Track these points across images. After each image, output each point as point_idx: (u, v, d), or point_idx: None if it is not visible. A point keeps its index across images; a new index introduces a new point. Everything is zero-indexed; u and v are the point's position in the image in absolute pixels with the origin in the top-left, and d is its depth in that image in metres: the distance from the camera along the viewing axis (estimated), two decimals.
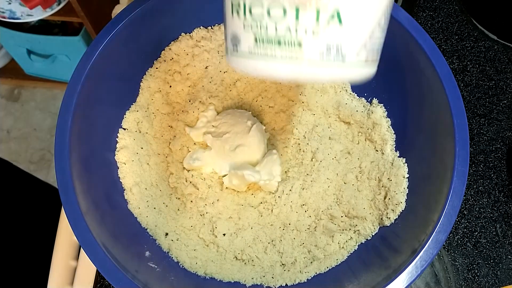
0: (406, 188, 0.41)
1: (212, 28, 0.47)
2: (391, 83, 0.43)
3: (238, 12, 0.25)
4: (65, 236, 0.49)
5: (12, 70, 1.39)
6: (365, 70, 0.26)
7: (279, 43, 0.24)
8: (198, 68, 0.47)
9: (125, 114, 0.44)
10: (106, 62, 0.39)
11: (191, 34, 0.46)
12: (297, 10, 0.23)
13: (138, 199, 0.42)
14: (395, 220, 0.40)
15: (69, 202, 0.34)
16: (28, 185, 0.73)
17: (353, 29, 0.24)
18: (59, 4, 1.03)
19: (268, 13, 0.24)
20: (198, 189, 0.44)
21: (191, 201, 0.43)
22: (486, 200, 0.49)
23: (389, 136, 0.44)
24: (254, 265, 0.42)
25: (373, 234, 0.42)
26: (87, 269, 0.47)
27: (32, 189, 0.73)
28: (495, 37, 0.56)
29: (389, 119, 0.44)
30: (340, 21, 0.24)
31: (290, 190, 0.43)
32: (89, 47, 0.38)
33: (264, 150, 0.45)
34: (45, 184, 0.76)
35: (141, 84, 0.45)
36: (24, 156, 1.37)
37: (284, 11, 0.24)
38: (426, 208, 0.37)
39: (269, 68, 0.25)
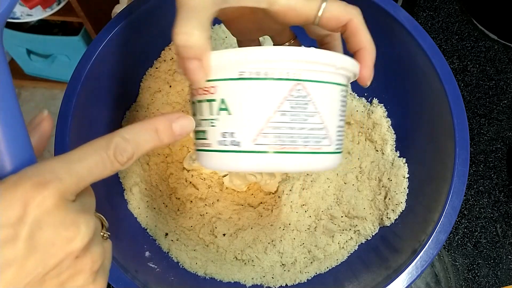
0: (406, 188, 0.41)
1: (212, 28, 0.47)
2: (391, 83, 0.43)
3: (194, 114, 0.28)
4: None
5: (12, 70, 1.37)
6: (274, 159, 0.25)
7: (204, 136, 0.27)
8: None
9: (125, 114, 0.44)
10: (106, 62, 0.39)
11: None
12: (199, 103, 0.26)
13: (138, 199, 0.42)
14: (395, 220, 0.40)
15: None
16: None
17: (243, 117, 0.25)
18: (58, 4, 1.03)
19: (200, 111, 0.26)
20: (198, 189, 0.44)
21: (191, 202, 0.43)
22: (486, 200, 0.49)
23: (389, 136, 0.44)
24: (254, 265, 0.42)
25: (373, 234, 0.42)
26: None
27: None
28: (495, 37, 0.56)
29: (389, 119, 0.44)
30: (228, 110, 0.25)
31: (290, 190, 0.43)
32: (89, 47, 0.38)
33: None
34: None
35: (141, 84, 0.45)
36: None
37: (200, 105, 0.26)
38: (426, 208, 0.37)
39: (200, 160, 0.28)
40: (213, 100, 0.25)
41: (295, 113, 0.25)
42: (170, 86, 0.46)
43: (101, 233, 0.23)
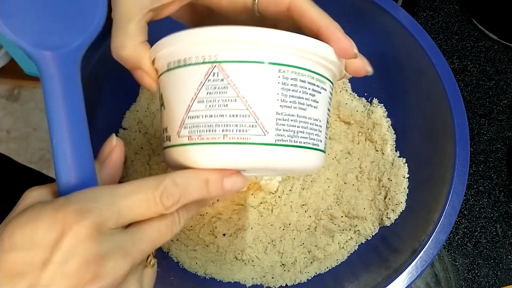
0: (406, 188, 0.41)
1: None
2: (391, 83, 0.43)
3: None
4: None
5: (12, 70, 1.39)
6: (193, 152, 0.23)
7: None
8: None
9: (125, 114, 0.44)
10: (105, 62, 0.39)
11: None
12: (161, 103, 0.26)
13: None
14: (395, 220, 0.40)
15: None
16: (31, 179, 0.72)
17: (170, 109, 0.24)
18: None
19: None
20: None
21: None
22: (486, 200, 0.49)
23: (389, 136, 0.44)
24: (254, 265, 0.42)
25: (373, 234, 0.42)
26: None
27: (35, 183, 0.73)
28: (495, 37, 0.56)
29: (389, 119, 0.44)
30: (164, 105, 0.25)
31: (290, 190, 0.43)
32: (89, 47, 0.37)
33: None
34: (49, 178, 0.76)
35: None
36: (23, 156, 1.36)
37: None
38: (426, 208, 0.37)
39: None
40: (159, 96, 0.26)
41: (212, 99, 0.22)
42: None
43: (147, 260, 0.23)
